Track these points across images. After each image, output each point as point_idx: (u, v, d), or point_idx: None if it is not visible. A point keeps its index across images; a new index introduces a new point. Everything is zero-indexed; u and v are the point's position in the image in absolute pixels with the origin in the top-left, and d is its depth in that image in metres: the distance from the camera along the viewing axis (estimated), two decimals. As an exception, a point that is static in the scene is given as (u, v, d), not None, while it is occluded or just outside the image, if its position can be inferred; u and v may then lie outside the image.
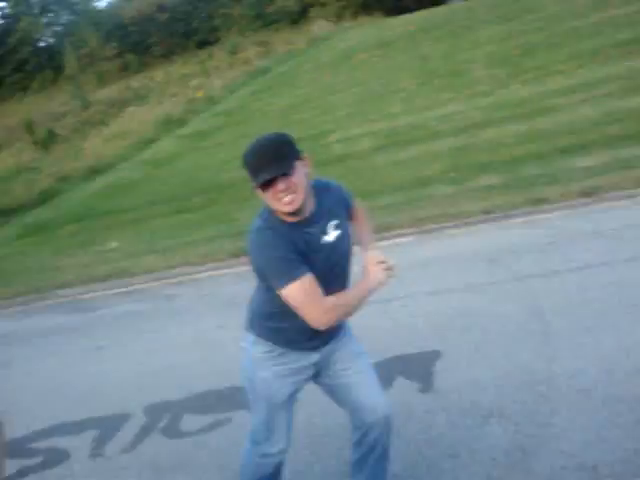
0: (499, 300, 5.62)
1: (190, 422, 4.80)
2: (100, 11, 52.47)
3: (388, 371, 4.74)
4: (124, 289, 8.99)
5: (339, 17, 41.80)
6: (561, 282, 5.68)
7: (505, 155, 11.51)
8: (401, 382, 4.61)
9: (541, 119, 13.02)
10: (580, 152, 10.45)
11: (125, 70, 44.63)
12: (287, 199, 2.63)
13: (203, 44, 46.44)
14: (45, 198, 18.39)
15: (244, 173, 2.67)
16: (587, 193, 8.19)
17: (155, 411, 5.06)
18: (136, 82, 38.59)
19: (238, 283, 7.97)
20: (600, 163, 9.55)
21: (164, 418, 4.92)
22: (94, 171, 20.03)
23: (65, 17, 52.76)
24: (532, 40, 18.89)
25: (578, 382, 4.14)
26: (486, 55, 19.14)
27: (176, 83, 34.32)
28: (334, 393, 3.25)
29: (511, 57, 18.04)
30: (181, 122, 24.66)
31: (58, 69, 46.80)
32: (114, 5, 53.40)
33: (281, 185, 2.62)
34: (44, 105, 38.44)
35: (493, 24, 22.49)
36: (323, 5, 43.32)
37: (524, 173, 10.20)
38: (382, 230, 8.63)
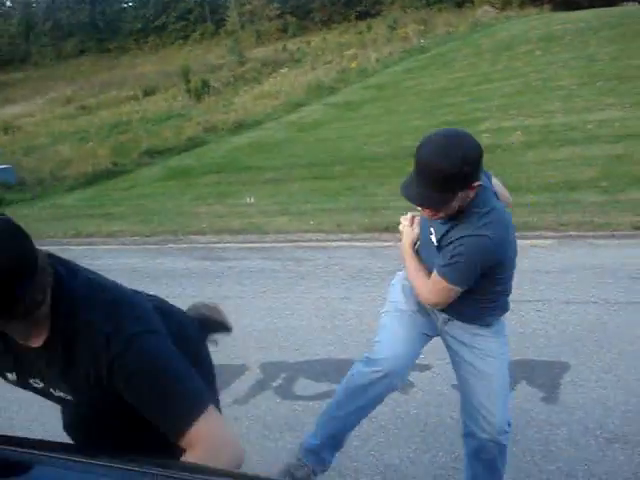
0: (637, 321, 5.32)
1: (304, 386, 4.83)
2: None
3: (512, 375, 4.59)
4: (255, 245, 9.14)
5: (505, 5, 40.71)
6: None
7: (664, 171, 10.90)
8: (525, 388, 4.46)
9: None
10: None
11: (284, 32, 45.25)
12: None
13: (364, 15, 46.39)
14: (191, 145, 18.96)
15: (386, 148, 2.64)
16: None
17: (271, 369, 5.12)
18: (293, 45, 39.07)
19: (367, 257, 7.95)
20: None
21: (279, 378, 4.97)
22: (241, 126, 20.45)
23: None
24: None
25: None
26: (658, 63, 18.13)
27: (332, 51, 34.50)
28: (459, 380, 3.20)
29: (686, 68, 17.02)
30: (331, 90, 24.77)
31: (220, 22, 48.01)
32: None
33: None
34: (202, 56, 39.62)
35: (671, 31, 21.28)
36: (491, -10, 42.28)
37: (682, 192, 9.63)
38: (523, 229, 8.36)
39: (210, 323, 2.68)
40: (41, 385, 1.90)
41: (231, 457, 1.66)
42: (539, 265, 7.08)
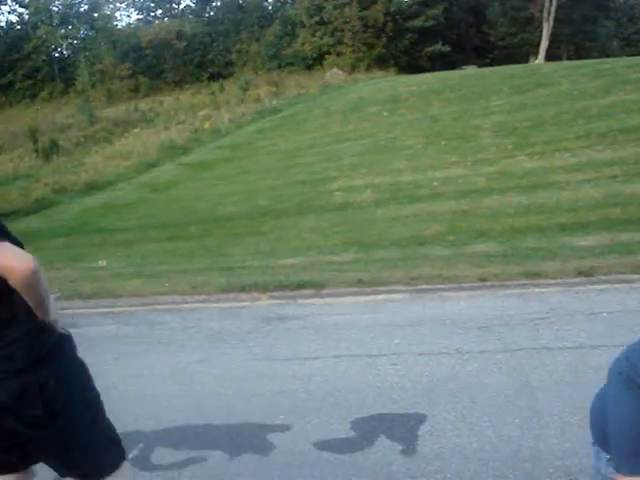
0: (489, 370, 5.53)
1: (162, 456, 4.65)
2: (119, 30, 52.96)
3: (371, 429, 4.64)
4: (108, 309, 8.84)
5: (353, 68, 42.31)
6: (552, 359, 5.60)
7: (505, 225, 11.55)
8: (384, 442, 4.49)
9: (544, 193, 13.12)
10: (580, 231, 10.50)
11: (135, 91, 44.87)
12: None
13: (216, 76, 46.84)
14: (39, 207, 18.29)
15: (241, 208, 2.61)
16: (584, 272, 8.16)
17: (127, 440, 4.90)
18: (145, 105, 38.76)
19: (225, 319, 7.85)
20: (599, 244, 9.56)
21: (135, 448, 4.77)
22: (92, 187, 19.98)
23: (83, 31, 53.20)
24: (542, 115, 19.10)
25: (565, 464, 4.04)
26: (495, 124, 19.32)
27: (185, 111, 34.52)
28: None
29: (520, 129, 18.22)
30: (185, 150, 24.72)
31: (69, 81, 47.02)
32: (133, 26, 53.93)
33: None
34: (50, 115, 38.51)
35: (505, 94, 22.75)
36: (339, 54, 43.85)
37: (522, 245, 10.21)
38: (375, 284, 8.58)
39: None
40: None
41: None
42: (393, 319, 7.25)
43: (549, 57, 43.69)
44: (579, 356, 5.64)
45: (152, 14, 56.78)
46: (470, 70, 37.15)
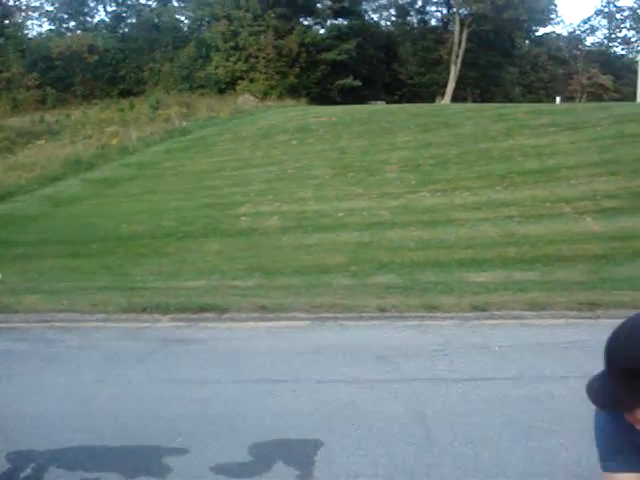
0: (385, 399, 5.68)
1: (56, 476, 4.56)
2: (29, 39, 51.59)
3: (269, 454, 4.69)
4: (2, 325, 8.58)
5: (265, 95, 42.60)
6: (446, 390, 5.81)
7: (406, 258, 11.86)
8: (280, 467, 4.55)
9: (444, 229, 13.55)
10: (477, 267, 10.90)
11: (42, 103, 43.76)
12: None
13: (126, 93, 46.23)
14: None
15: (145, 227, 2.59)
16: (479, 307, 8.48)
17: (19, 459, 4.79)
18: (51, 117, 37.85)
19: (124, 339, 7.76)
20: (494, 281, 9.97)
21: (28, 468, 4.66)
22: (-8, 197, 19.33)
23: (-9, 38, 51.66)
24: (445, 154, 19.73)
25: (453, 492, 4.20)
26: (401, 159, 19.82)
27: (92, 126, 33.88)
28: None
29: (424, 166, 18.76)
30: (90, 165, 24.23)
31: (-27, 87, 45.51)
32: (45, 36, 52.66)
33: None
34: (-50, 121, 37.10)
35: (411, 131, 23.38)
36: (252, 81, 44.09)
37: (421, 278, 10.52)
38: (277, 310, 8.67)
39: None
40: None
41: None
42: (294, 345, 7.35)
43: (455, 98, 45.27)
44: (472, 388, 5.87)
45: (65, 26, 55.64)
46: (379, 105, 38.02)
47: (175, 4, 55.51)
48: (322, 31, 47.93)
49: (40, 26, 57.92)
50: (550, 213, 13.99)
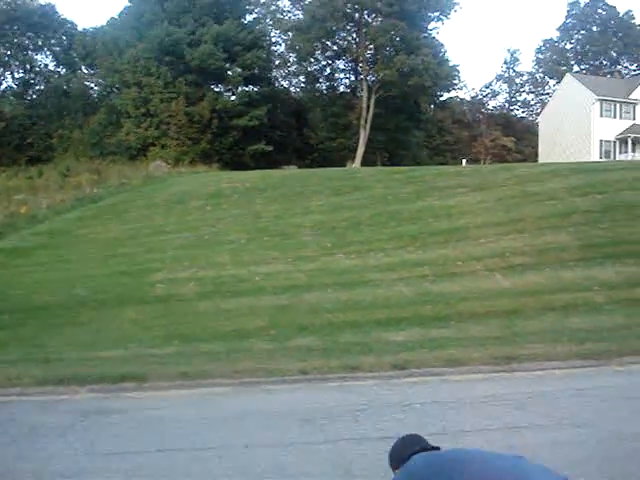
0: (312, 460, 5.71)
1: None
2: None
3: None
4: None
5: (177, 161, 42.56)
6: (372, 449, 5.88)
7: (324, 320, 12.00)
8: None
9: (360, 290, 13.77)
10: (394, 326, 11.12)
11: (-56, 171, 42.52)
12: None
13: (35, 160, 45.43)
14: None
15: (58, 297, 2.54)
16: (399, 366, 8.65)
17: None
18: (-46, 186, 36.78)
19: (42, 413, 7.55)
20: (412, 339, 10.19)
21: None
22: None
23: None
24: (358, 216, 20.10)
25: None
26: (315, 222, 20.09)
27: (-1, 194, 33.04)
28: None
29: (337, 228, 19.06)
30: (-2, 235, 23.56)
31: None
32: (-51, 103, 51.52)
33: None
34: None
35: (324, 195, 23.76)
36: (163, 147, 44.03)
37: (341, 339, 10.65)
38: (198, 377, 8.61)
39: None
40: None
41: None
42: (217, 412, 7.31)
43: (365, 162, 46.31)
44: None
45: (-31, 92, 54.67)
46: (291, 170, 38.55)
47: (85, 71, 55.26)
48: (233, 98, 48.44)
49: (-56, 92, 56.58)
50: (462, 271, 14.42)
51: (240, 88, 49.15)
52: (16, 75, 55.81)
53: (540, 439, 6.05)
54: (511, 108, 69.80)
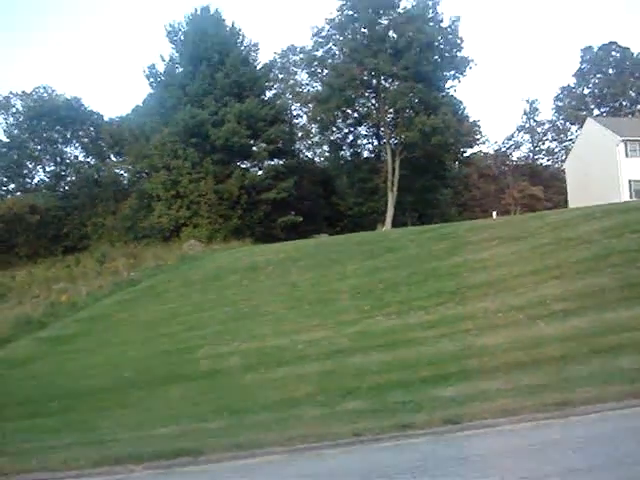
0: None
1: None
2: (-32, 208, 51.84)
3: None
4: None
5: (210, 239, 43.14)
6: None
7: (371, 382, 11.97)
8: None
9: (404, 350, 13.75)
10: (442, 382, 11.06)
11: (-15, 266, 43.52)
12: None
13: (70, 249, 46.36)
14: None
15: (104, 380, 2.46)
16: (451, 421, 8.60)
17: None
18: (-5, 280, 37.58)
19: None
20: (461, 393, 10.12)
21: None
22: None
23: None
24: (394, 277, 20.17)
25: None
26: (352, 287, 20.18)
27: (39, 284, 33.71)
28: None
29: (375, 290, 19.12)
30: (41, 324, 23.96)
31: None
32: (-15, 200, 53.07)
33: None
34: None
35: (358, 259, 23.90)
36: (195, 226, 44.71)
37: (390, 399, 10.61)
38: (252, 447, 8.63)
39: None
40: None
41: None
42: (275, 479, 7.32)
43: (395, 223, 46.51)
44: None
45: (4, 188, 56.23)
46: (324, 238, 38.82)
47: (113, 159, 56.70)
48: (260, 172, 49.28)
49: (-21, 192, 58.37)
50: (504, 322, 14.36)
51: (266, 162, 50.05)
52: (47, 168, 57.48)
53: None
54: (535, 157, 70.04)
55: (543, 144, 70.33)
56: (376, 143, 55.10)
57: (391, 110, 49.93)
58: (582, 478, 6.09)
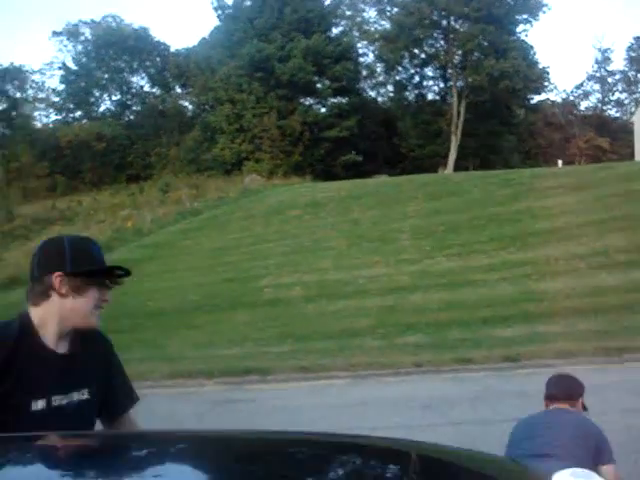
0: (438, 440, 6.00)
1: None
2: (37, 130, 53.01)
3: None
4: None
5: (271, 174, 43.52)
6: (494, 430, 6.13)
7: (430, 318, 12.25)
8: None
9: (463, 290, 13.96)
10: (501, 323, 11.28)
11: (52, 190, 44.72)
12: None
13: (135, 178, 47.27)
14: (-41, 302, 17.99)
15: (172, 303, 2.35)
16: (510, 358, 8.87)
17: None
18: (62, 204, 38.67)
19: (178, 403, 8.12)
20: (520, 335, 10.35)
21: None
22: (14, 281, 19.77)
23: (0, 129, 53.09)
24: (456, 220, 20.27)
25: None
26: (413, 227, 20.37)
27: (104, 211, 34.63)
28: None
29: (436, 232, 19.28)
30: (108, 249, 24.72)
31: (-16, 179, 46.61)
32: (53, 126, 54.12)
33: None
34: (-36, 212, 37.92)
35: (420, 200, 24.00)
36: (257, 161, 45.07)
37: (449, 336, 10.90)
38: (317, 370, 9.04)
39: None
40: (63, 398, 2.12)
41: None
42: (340, 400, 7.71)
43: (457, 168, 46.13)
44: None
45: (71, 115, 57.17)
46: (384, 178, 38.87)
47: (178, 90, 57.16)
48: (323, 110, 49.15)
49: (47, 116, 59.21)
50: (565, 270, 14.42)
51: (329, 100, 49.89)
52: (114, 97, 58.20)
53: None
54: (604, 108, 68.12)
55: (613, 95, 68.19)
56: (442, 85, 54.25)
57: (460, 52, 49.00)
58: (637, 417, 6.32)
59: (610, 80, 68.05)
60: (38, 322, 2.11)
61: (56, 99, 57.02)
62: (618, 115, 67.19)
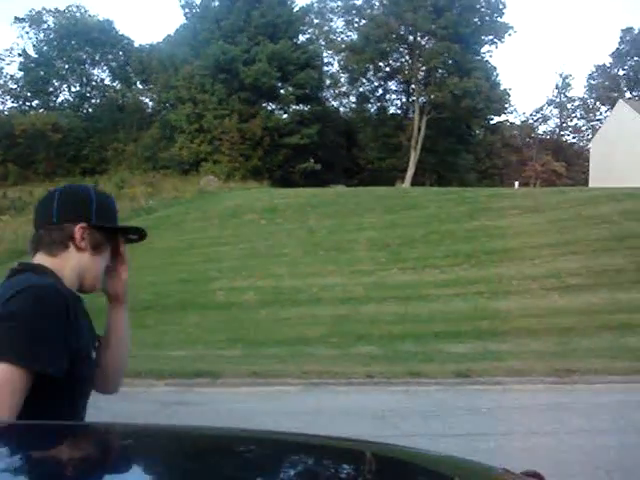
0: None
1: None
2: (-8, 116, 51.99)
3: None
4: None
5: (228, 177, 43.26)
6: (446, 444, 6.15)
7: (383, 330, 12.30)
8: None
9: (417, 304, 14.05)
10: (453, 339, 11.39)
11: (4, 179, 43.85)
12: None
13: (90, 172, 46.58)
14: None
15: None
16: (462, 374, 8.91)
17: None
18: (13, 193, 37.91)
19: (126, 402, 7.95)
20: (472, 351, 10.44)
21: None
22: (-40, 271, 19.26)
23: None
24: (412, 234, 20.38)
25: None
26: (369, 239, 20.43)
27: (57, 203, 34.00)
28: None
29: (392, 245, 19.36)
30: (59, 241, 24.32)
31: None
32: (8, 114, 53.08)
33: None
34: None
35: (376, 213, 24.09)
36: (215, 162, 44.79)
37: (402, 348, 10.96)
38: (269, 376, 8.97)
39: None
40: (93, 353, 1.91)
41: None
42: (291, 407, 7.65)
43: (414, 183, 46.50)
44: (469, 441, 6.23)
45: (28, 104, 56.18)
46: (341, 188, 38.94)
47: (140, 86, 56.60)
48: (285, 116, 49.12)
49: (3, 103, 58.14)
50: (517, 290, 14.62)
51: (292, 107, 49.87)
52: (73, 89, 57.33)
53: (606, 442, 6.27)
54: (561, 133, 69.45)
55: (571, 121, 69.61)
56: (404, 100, 54.80)
57: (424, 68, 49.54)
58: (590, 438, 6.38)
59: (569, 106, 69.42)
60: (57, 274, 1.87)
61: (13, 86, 56.01)
62: (575, 141, 68.59)
